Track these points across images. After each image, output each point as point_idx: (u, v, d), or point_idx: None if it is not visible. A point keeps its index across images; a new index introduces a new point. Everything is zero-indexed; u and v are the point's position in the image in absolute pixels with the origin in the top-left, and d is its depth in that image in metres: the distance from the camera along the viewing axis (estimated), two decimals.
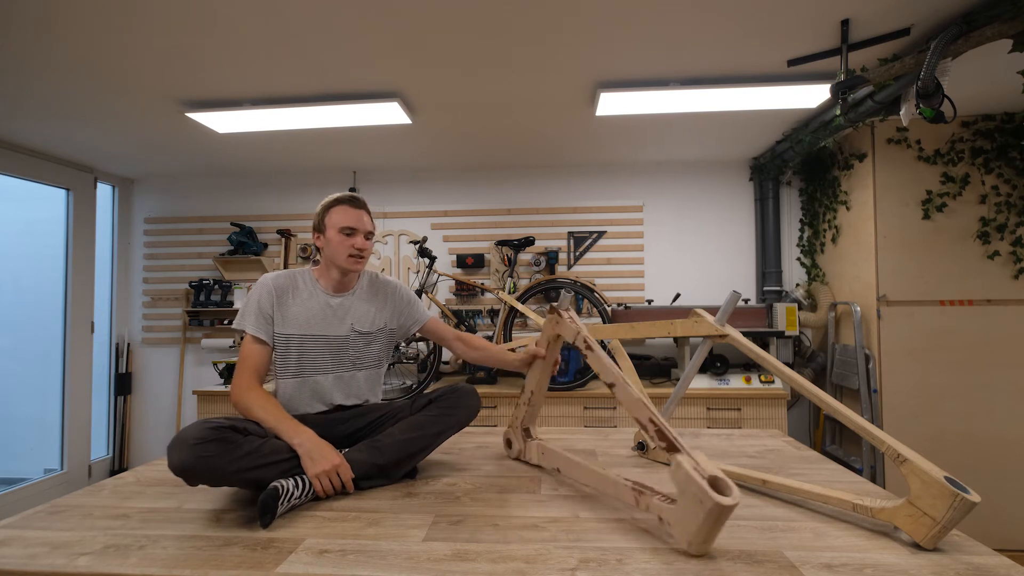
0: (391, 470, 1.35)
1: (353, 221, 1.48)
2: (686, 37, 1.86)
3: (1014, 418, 2.52)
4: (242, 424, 1.23)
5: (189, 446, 1.09)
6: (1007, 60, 1.92)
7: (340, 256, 1.48)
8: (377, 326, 1.56)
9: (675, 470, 0.97)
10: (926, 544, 0.97)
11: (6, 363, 3.20)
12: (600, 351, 1.27)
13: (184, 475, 1.10)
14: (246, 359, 1.40)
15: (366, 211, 1.52)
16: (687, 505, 0.95)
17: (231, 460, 1.14)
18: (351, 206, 1.49)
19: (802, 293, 3.21)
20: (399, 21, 1.73)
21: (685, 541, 0.97)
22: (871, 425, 1.11)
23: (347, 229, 1.47)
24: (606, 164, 3.44)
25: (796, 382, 1.26)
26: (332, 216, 1.48)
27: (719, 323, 1.43)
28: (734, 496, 0.91)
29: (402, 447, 1.36)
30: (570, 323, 1.41)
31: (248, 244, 3.50)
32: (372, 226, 1.53)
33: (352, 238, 1.47)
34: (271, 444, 1.24)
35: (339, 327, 1.50)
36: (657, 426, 1.07)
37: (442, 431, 1.43)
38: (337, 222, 1.47)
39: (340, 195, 1.51)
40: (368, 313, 1.55)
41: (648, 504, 1.08)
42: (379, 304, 1.59)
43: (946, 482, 0.94)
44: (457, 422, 1.45)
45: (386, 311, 1.60)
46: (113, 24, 1.72)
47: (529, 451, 1.53)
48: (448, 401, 1.46)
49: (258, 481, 1.19)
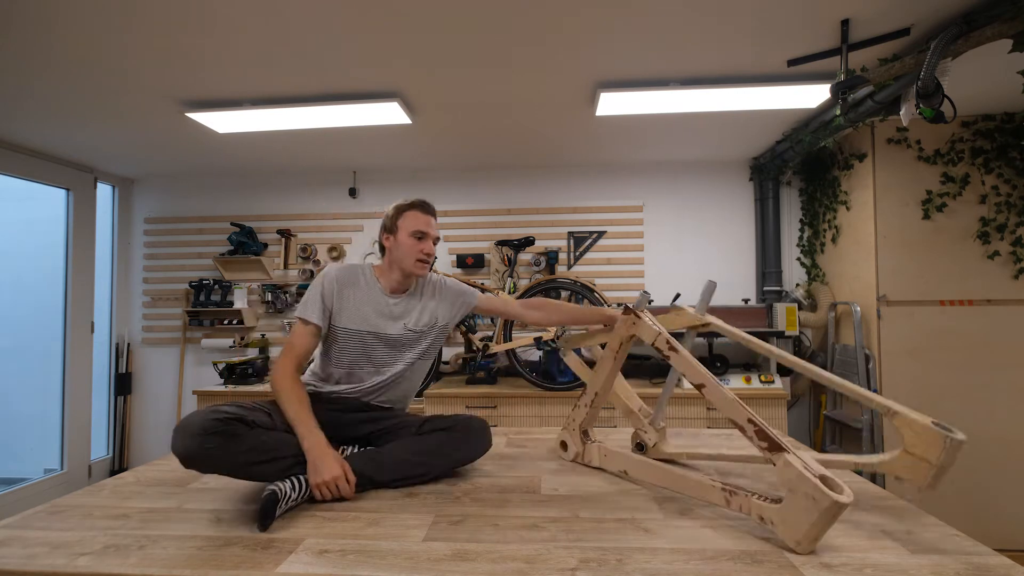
0: (385, 486, 1.35)
1: (424, 226, 1.49)
2: (686, 37, 1.86)
3: (1014, 418, 2.52)
4: (250, 416, 1.22)
5: (192, 435, 1.10)
6: (1007, 60, 1.92)
7: (409, 259, 1.49)
8: (431, 323, 1.57)
9: (784, 469, 0.98)
10: (930, 487, 1.02)
11: (6, 363, 3.20)
12: (685, 352, 1.24)
13: (187, 463, 1.12)
14: (295, 345, 1.41)
15: (435, 217, 1.55)
16: (798, 504, 0.96)
17: (234, 454, 1.15)
18: (423, 211, 1.51)
19: (802, 293, 3.21)
20: (399, 21, 1.73)
21: (793, 540, 0.97)
22: (858, 387, 1.19)
23: (419, 233, 1.49)
24: (606, 164, 3.44)
25: (781, 356, 1.30)
26: (405, 219, 1.50)
27: (699, 312, 1.43)
28: (847, 494, 0.91)
29: (402, 468, 1.35)
30: (651, 324, 1.35)
31: (248, 244, 3.50)
32: (438, 232, 1.55)
33: (423, 242, 1.49)
34: (275, 438, 1.24)
35: (392, 326, 1.51)
36: (757, 426, 1.06)
37: (446, 464, 1.40)
38: (410, 225, 1.49)
39: (413, 200, 1.53)
40: (423, 313, 1.56)
41: (744, 504, 1.07)
42: (434, 303, 1.59)
43: (934, 427, 1.02)
44: (463, 458, 1.43)
45: (442, 307, 1.60)
46: (113, 24, 1.72)
47: (588, 453, 1.50)
48: (460, 434, 1.42)
49: (262, 475, 1.19)
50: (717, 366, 2.96)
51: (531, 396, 2.86)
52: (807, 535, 0.95)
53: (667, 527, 1.10)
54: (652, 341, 1.33)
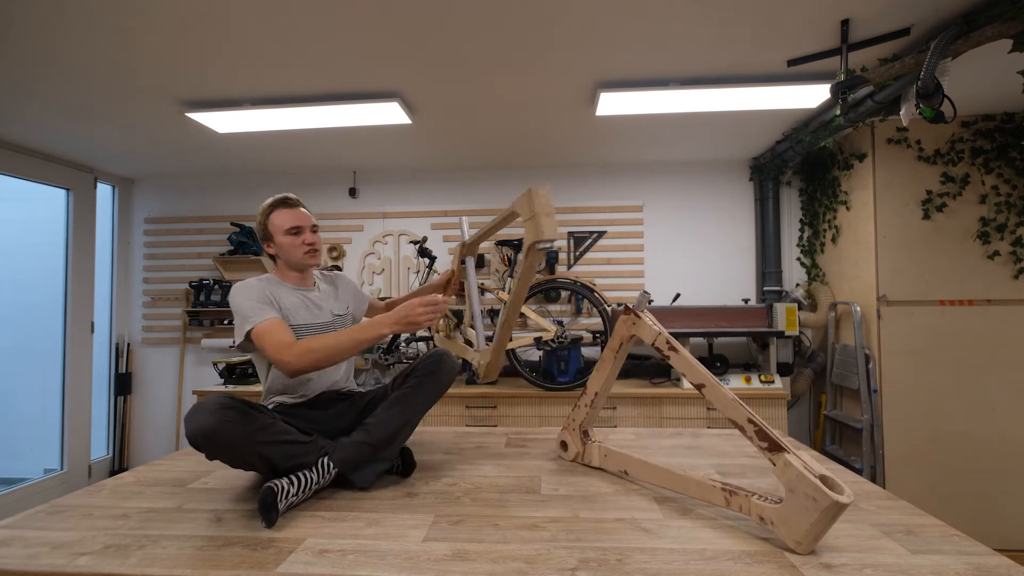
0: (384, 449, 1.36)
1: (295, 220, 1.50)
2: (686, 37, 1.85)
3: (1014, 418, 2.52)
4: (254, 403, 1.25)
5: (210, 411, 1.12)
6: (1007, 60, 1.92)
7: (296, 256, 1.50)
8: (344, 309, 1.63)
9: (784, 469, 0.98)
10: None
11: (6, 363, 3.20)
12: (685, 352, 1.25)
13: (205, 440, 1.11)
14: (279, 331, 1.32)
15: (302, 206, 1.55)
16: (798, 504, 0.96)
17: (250, 430, 1.17)
18: (286, 207, 1.51)
19: (802, 293, 3.21)
20: (399, 21, 1.73)
21: (793, 540, 0.97)
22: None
23: (293, 229, 1.49)
24: (606, 164, 3.44)
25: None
26: (273, 221, 1.50)
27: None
28: (847, 494, 0.91)
29: (387, 423, 1.38)
30: (651, 325, 1.35)
31: (248, 244, 3.50)
32: (313, 218, 1.55)
33: (300, 235, 1.50)
34: (280, 425, 1.26)
35: (320, 315, 1.53)
36: (757, 426, 1.06)
37: (424, 399, 1.44)
38: (281, 224, 1.49)
39: (274, 199, 1.52)
40: (335, 299, 1.62)
41: (744, 505, 1.07)
42: (337, 291, 1.65)
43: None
44: (436, 387, 1.47)
45: (346, 296, 1.67)
46: (113, 24, 1.72)
47: (589, 454, 1.51)
48: (424, 368, 1.47)
49: (268, 459, 1.21)
50: (717, 366, 2.96)
51: (531, 396, 2.86)
52: (807, 535, 0.95)
53: (667, 527, 1.10)
54: (652, 341, 1.33)
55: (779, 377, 2.86)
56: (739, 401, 1.11)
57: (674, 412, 2.78)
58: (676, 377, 3.00)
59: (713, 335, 2.93)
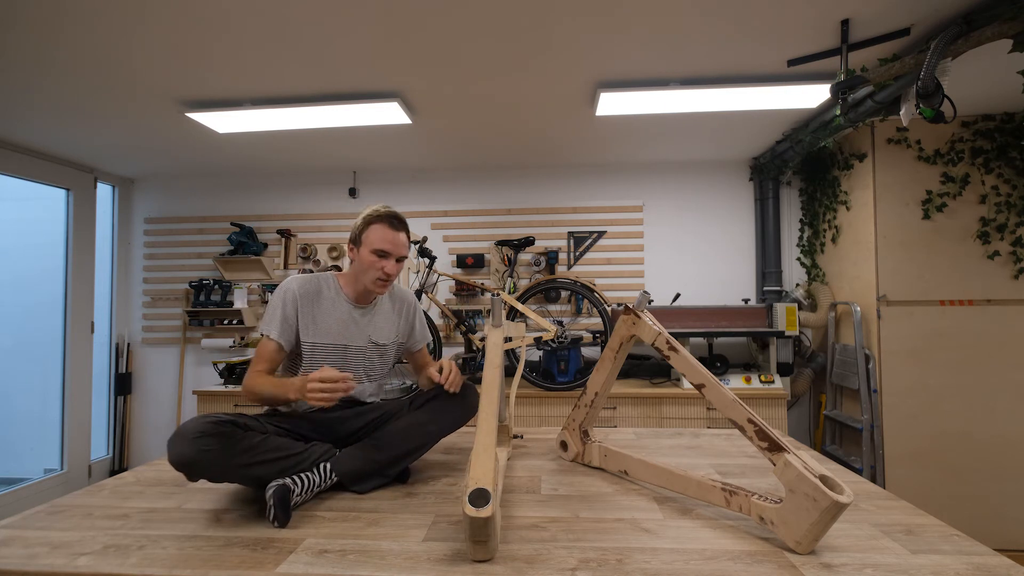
0: (389, 467, 1.36)
1: (389, 244, 1.42)
2: (686, 37, 1.85)
3: (1014, 418, 2.52)
4: (243, 420, 1.23)
5: (189, 440, 1.10)
6: (1007, 60, 1.92)
7: (368, 277, 1.44)
8: (392, 339, 1.57)
9: (784, 469, 0.98)
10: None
11: (6, 363, 3.20)
12: (685, 352, 1.25)
13: (184, 469, 1.11)
14: (260, 359, 1.39)
15: (405, 231, 1.47)
16: (798, 504, 0.96)
17: (231, 455, 1.14)
18: (390, 227, 1.43)
19: (802, 293, 3.20)
20: (399, 21, 1.73)
21: (793, 540, 0.97)
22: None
23: (381, 252, 1.42)
24: (606, 164, 3.44)
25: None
26: (370, 234, 1.43)
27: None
28: (847, 494, 0.91)
29: (400, 444, 1.36)
30: (651, 324, 1.34)
31: (248, 244, 3.50)
32: (407, 248, 1.49)
33: (384, 260, 1.43)
34: (272, 441, 1.24)
35: (358, 337, 1.50)
36: (757, 426, 1.06)
37: (440, 429, 1.42)
38: (373, 241, 1.42)
39: (382, 212, 1.45)
40: (386, 326, 1.56)
41: (744, 505, 1.07)
42: (396, 317, 1.59)
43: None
44: (455, 420, 1.45)
45: (401, 325, 1.61)
46: (114, 24, 1.72)
47: (589, 453, 1.51)
48: (448, 397, 1.45)
49: (257, 478, 1.19)
50: (717, 366, 2.96)
51: (531, 396, 2.86)
52: (807, 535, 0.95)
53: (667, 527, 1.10)
54: (652, 341, 1.33)
55: (779, 377, 2.86)
56: (739, 401, 1.11)
57: (674, 412, 2.78)
58: (676, 377, 3.00)
59: (713, 335, 2.93)
